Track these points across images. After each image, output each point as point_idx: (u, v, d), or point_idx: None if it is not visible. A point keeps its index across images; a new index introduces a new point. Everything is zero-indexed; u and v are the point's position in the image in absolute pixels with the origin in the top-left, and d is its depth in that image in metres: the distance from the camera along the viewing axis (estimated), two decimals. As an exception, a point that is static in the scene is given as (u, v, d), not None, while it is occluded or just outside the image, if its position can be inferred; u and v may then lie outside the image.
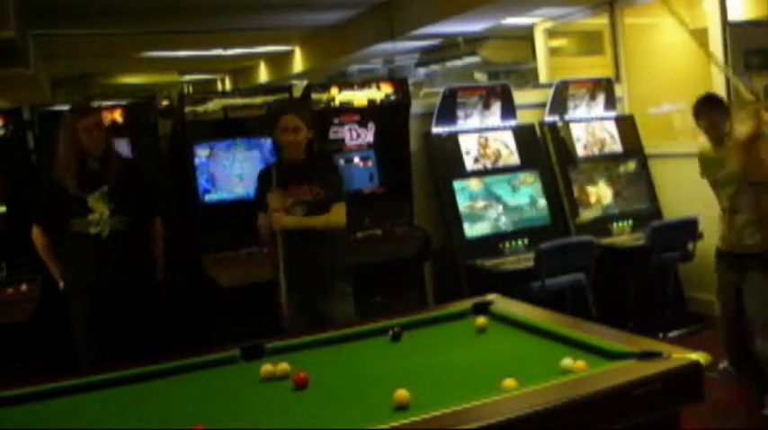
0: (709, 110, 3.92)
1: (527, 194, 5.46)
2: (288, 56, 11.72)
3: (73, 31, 8.34)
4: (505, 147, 5.50)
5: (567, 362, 2.22)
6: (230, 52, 11.30)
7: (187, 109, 4.47)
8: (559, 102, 5.78)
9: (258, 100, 4.68)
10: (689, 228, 5.40)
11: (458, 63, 10.32)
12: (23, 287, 4.08)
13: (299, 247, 3.69)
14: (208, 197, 4.62)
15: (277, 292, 3.67)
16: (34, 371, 3.35)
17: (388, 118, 5.07)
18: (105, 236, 3.66)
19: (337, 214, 3.71)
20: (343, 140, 5.01)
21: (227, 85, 15.69)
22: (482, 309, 2.96)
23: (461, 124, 5.39)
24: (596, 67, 7.10)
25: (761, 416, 3.79)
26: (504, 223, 5.30)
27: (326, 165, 4.09)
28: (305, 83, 5.75)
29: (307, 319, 3.69)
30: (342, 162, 4.95)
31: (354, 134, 5.05)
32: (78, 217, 3.65)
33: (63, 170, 3.66)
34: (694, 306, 5.81)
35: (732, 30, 5.49)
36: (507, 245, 5.20)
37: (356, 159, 5.09)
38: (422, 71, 11.90)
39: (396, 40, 8.33)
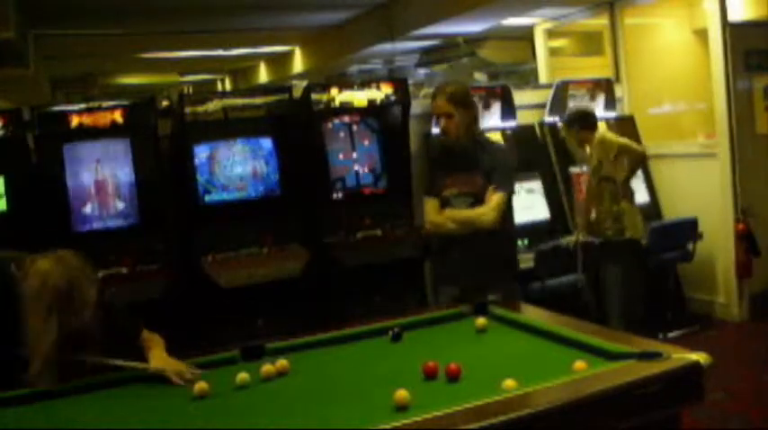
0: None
1: (527, 195, 5.46)
2: (288, 56, 11.71)
3: (73, 31, 8.33)
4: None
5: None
6: (231, 53, 11.30)
7: (187, 109, 4.48)
8: (559, 102, 5.78)
9: (258, 100, 4.69)
10: (689, 229, 5.40)
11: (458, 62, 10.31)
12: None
13: (457, 236, 3.41)
14: (208, 197, 4.62)
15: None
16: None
17: (388, 118, 5.08)
18: None
19: (490, 210, 3.35)
20: (343, 141, 5.00)
21: (227, 86, 15.67)
22: (482, 309, 2.96)
23: (461, 124, 5.38)
24: (596, 67, 7.10)
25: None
26: (504, 223, 5.28)
27: (494, 150, 3.65)
28: (305, 83, 5.75)
29: None
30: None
31: (354, 134, 5.04)
32: None
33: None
34: (694, 306, 5.82)
35: (732, 30, 5.49)
36: (507, 245, 5.19)
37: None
38: (422, 71, 11.89)
39: (395, 41, 8.32)
